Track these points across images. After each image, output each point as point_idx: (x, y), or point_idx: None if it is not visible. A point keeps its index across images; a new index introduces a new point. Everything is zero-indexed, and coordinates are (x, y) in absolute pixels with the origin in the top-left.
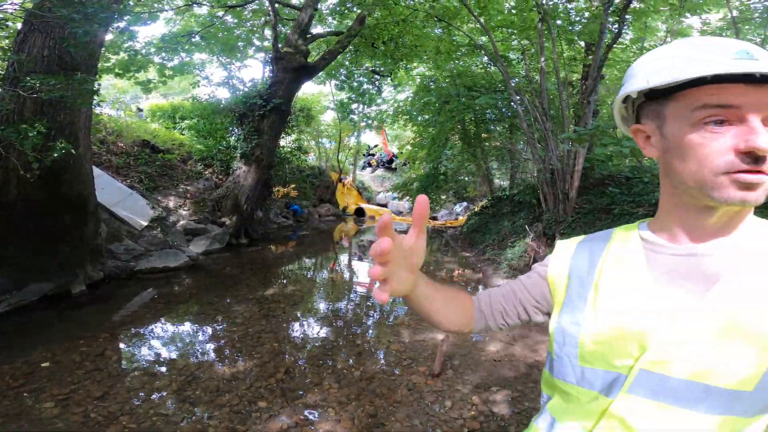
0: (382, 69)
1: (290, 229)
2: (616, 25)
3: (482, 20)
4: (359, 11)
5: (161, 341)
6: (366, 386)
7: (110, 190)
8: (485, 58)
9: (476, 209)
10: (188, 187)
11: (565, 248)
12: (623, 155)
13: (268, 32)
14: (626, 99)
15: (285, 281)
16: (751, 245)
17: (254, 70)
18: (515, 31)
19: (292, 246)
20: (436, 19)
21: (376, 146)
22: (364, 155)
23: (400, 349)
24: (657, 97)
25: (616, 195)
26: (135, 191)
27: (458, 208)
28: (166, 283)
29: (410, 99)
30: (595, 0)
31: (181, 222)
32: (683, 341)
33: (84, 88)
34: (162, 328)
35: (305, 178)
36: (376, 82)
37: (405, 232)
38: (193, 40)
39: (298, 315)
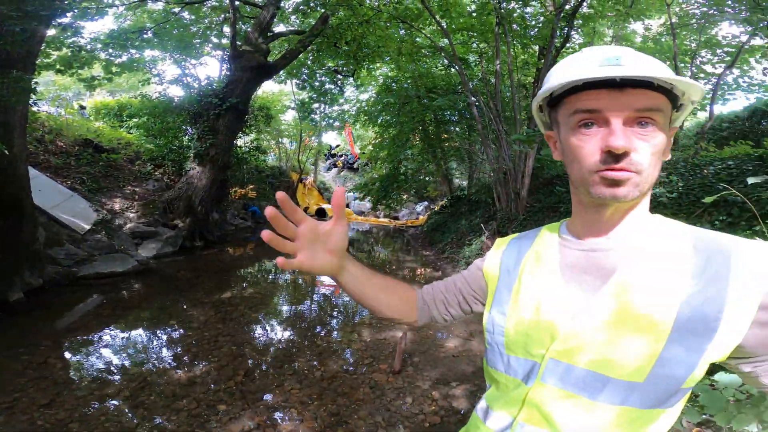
0: (344, 69)
1: (249, 231)
2: (567, 29)
3: (443, 23)
4: (323, 11)
5: (110, 348)
6: (328, 386)
7: (48, 192)
8: (446, 60)
9: (436, 208)
10: (136, 189)
11: (501, 244)
12: None
13: (227, 29)
14: (542, 107)
15: (244, 284)
16: (645, 241)
17: (211, 68)
18: (475, 34)
19: (251, 248)
20: (399, 20)
21: (337, 146)
22: (325, 155)
23: (361, 348)
24: (555, 104)
25: (562, 194)
26: (76, 193)
27: (419, 207)
28: (113, 288)
29: (372, 99)
30: (549, 5)
31: (129, 225)
32: (583, 332)
33: (19, 86)
34: (110, 334)
35: (264, 178)
36: (339, 82)
37: (368, 231)
38: (145, 36)
39: (257, 317)
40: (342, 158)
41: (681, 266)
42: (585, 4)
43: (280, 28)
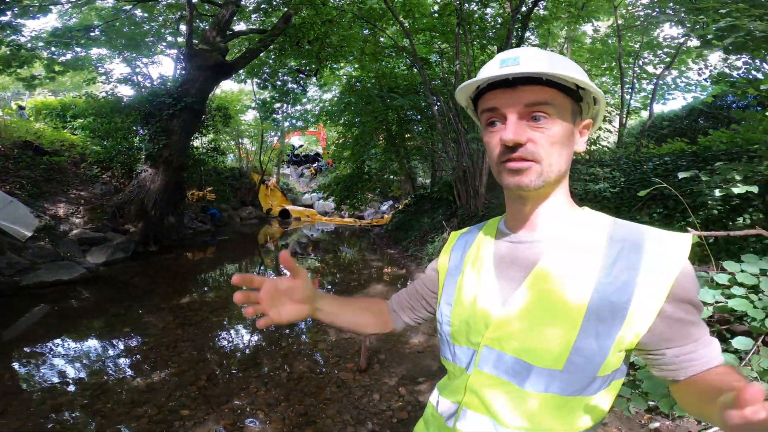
0: (307, 68)
1: (209, 234)
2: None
3: (406, 23)
4: (285, 9)
5: (60, 357)
6: (294, 386)
7: None
8: (409, 60)
9: (400, 207)
10: (82, 193)
11: (452, 240)
12: None
13: (183, 27)
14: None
15: (204, 288)
16: (565, 232)
17: (165, 67)
18: (437, 35)
19: (211, 252)
20: (362, 20)
21: (300, 146)
22: (287, 156)
23: (326, 347)
24: (476, 107)
25: None
26: (16, 198)
27: (384, 206)
28: (60, 297)
29: (335, 99)
30: (508, 7)
31: (75, 231)
32: (510, 321)
33: None
34: (60, 344)
35: (224, 180)
36: (301, 82)
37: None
38: (92, 34)
39: (219, 322)
40: (315, 165)
41: (596, 256)
42: (541, 5)
43: (240, 26)
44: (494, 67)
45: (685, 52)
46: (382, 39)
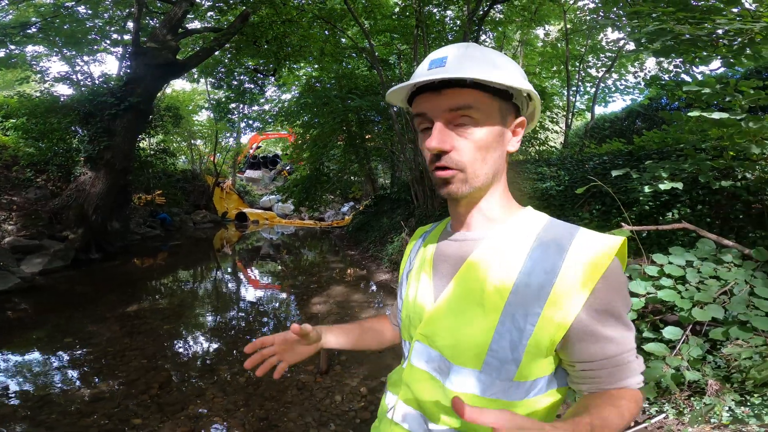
0: (264, 68)
1: (159, 240)
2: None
3: (367, 25)
4: (243, 8)
5: None
6: (254, 391)
7: None
8: (369, 60)
9: (361, 208)
10: (14, 198)
11: (416, 236)
12: None
13: (132, 25)
14: None
15: (155, 296)
16: (498, 232)
17: (109, 66)
18: (397, 36)
19: (161, 258)
20: (323, 20)
21: (258, 147)
22: (245, 157)
23: None
24: None
25: None
26: None
27: (345, 208)
28: None
29: (294, 99)
30: (466, 10)
31: (8, 239)
32: (438, 316)
33: None
34: None
35: (174, 183)
36: (259, 82)
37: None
38: (29, 31)
39: (171, 329)
40: (288, 167)
41: (520, 258)
42: (497, 8)
43: (194, 24)
44: (423, 69)
45: (624, 57)
46: (342, 40)
